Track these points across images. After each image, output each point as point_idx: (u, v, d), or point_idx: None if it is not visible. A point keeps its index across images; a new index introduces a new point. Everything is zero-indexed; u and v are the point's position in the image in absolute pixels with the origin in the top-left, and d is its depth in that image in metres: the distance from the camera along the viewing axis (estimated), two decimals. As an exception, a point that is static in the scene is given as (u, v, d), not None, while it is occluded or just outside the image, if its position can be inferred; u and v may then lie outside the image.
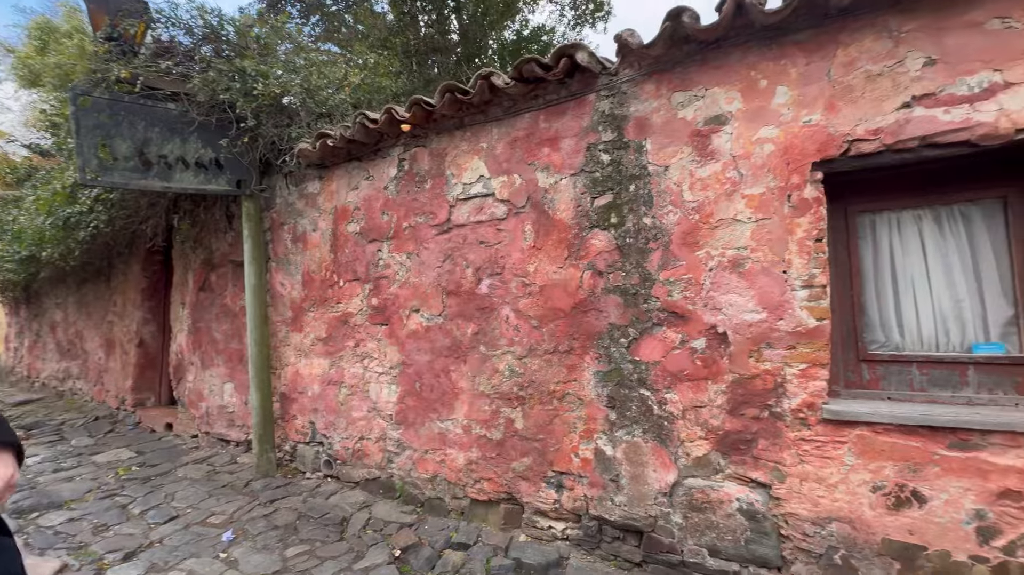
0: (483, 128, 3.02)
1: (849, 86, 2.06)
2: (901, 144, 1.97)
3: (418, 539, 2.89)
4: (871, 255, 2.29)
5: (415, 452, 3.27)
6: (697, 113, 2.37)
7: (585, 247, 2.66)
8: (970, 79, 1.88)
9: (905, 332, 2.22)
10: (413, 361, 3.28)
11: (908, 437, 1.96)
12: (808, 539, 2.13)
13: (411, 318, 3.30)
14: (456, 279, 3.10)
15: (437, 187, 3.20)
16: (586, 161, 2.66)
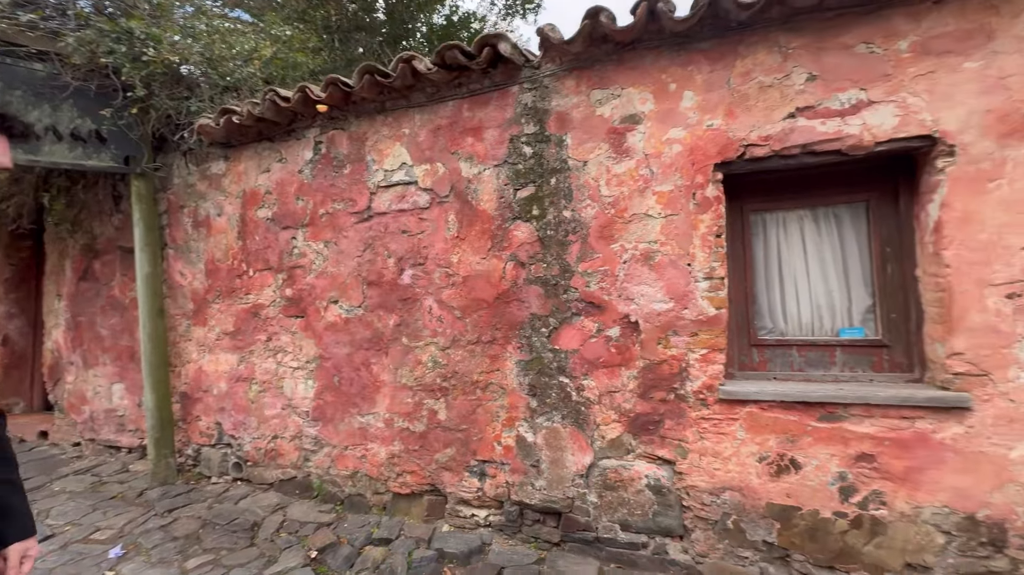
0: (405, 114, 2.93)
1: (745, 95, 2.25)
2: (786, 151, 2.19)
3: (337, 538, 2.80)
4: (762, 250, 2.54)
5: (334, 449, 3.15)
6: (614, 111, 2.47)
7: (508, 238, 2.68)
8: (842, 95, 2.13)
9: (788, 319, 2.49)
10: (332, 354, 3.14)
11: (787, 412, 2.21)
12: (706, 508, 2.34)
13: (329, 310, 3.15)
14: (377, 269, 3.00)
15: (357, 173, 3.06)
16: (509, 153, 2.68)
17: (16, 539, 1.12)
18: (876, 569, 2.09)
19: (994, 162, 1.95)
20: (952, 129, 1.99)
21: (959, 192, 1.99)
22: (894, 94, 2.06)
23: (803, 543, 2.19)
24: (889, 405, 2.07)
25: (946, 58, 2.00)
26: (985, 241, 1.96)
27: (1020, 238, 1.93)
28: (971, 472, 1.97)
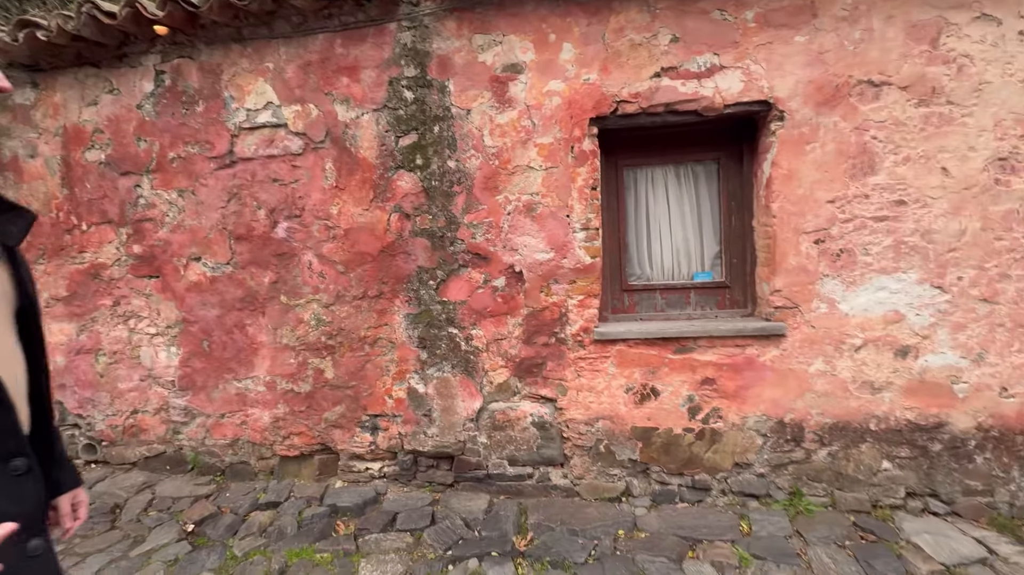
0: (268, 45, 2.60)
1: (618, 51, 2.35)
2: (652, 108, 2.36)
3: (217, 508, 2.65)
4: (633, 203, 2.75)
5: (208, 418, 2.91)
6: (496, 59, 2.43)
7: (391, 189, 2.58)
8: (700, 58, 2.32)
9: (653, 266, 2.77)
10: (198, 317, 2.84)
11: (649, 347, 2.50)
12: (582, 437, 2.60)
13: (191, 268, 2.82)
14: (246, 222, 2.72)
15: (213, 111, 2.69)
16: (389, 96, 2.53)
17: (69, 488, 1.08)
18: (713, 470, 2.52)
19: (811, 127, 2.29)
20: (783, 96, 2.28)
21: (785, 153, 2.32)
22: (740, 61, 2.29)
23: (660, 457, 2.55)
24: (727, 336, 2.44)
25: (782, 31, 2.26)
26: (802, 195, 2.33)
27: (827, 193, 2.32)
28: (782, 386, 2.43)
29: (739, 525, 2.33)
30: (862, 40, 2.22)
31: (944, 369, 2.30)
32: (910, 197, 2.26)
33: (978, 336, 2.27)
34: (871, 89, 2.23)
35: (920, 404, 2.33)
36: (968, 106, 2.19)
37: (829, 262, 2.34)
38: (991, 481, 2.32)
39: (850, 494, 2.42)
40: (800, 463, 2.46)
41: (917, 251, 2.28)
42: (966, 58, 2.17)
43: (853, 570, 2.03)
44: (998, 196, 2.20)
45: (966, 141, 2.20)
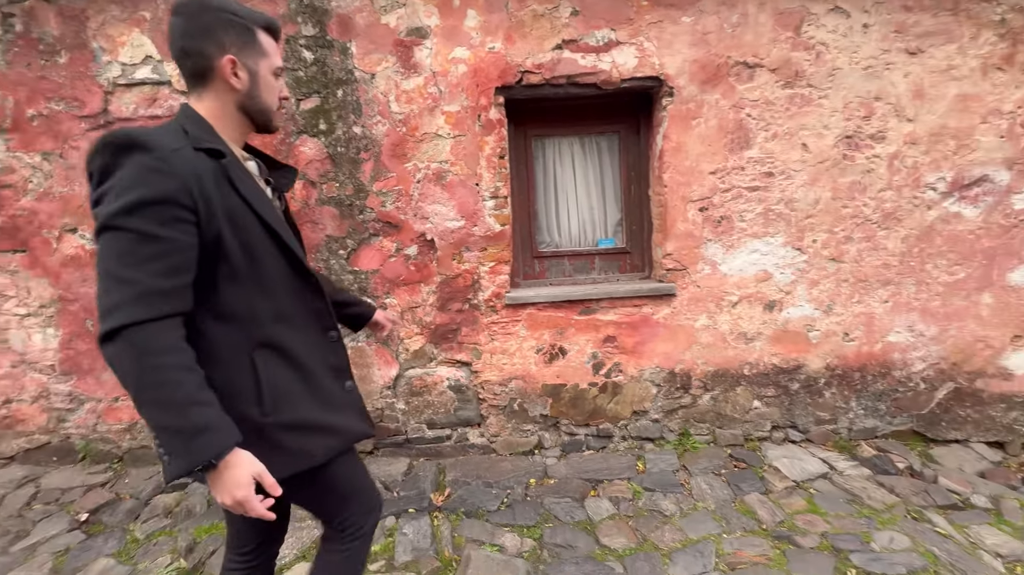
0: (142, -9, 2.35)
1: (522, 21, 2.40)
2: (555, 80, 2.45)
3: (115, 495, 2.51)
4: (542, 172, 2.86)
5: (100, 402, 2.71)
6: (400, 21, 2.39)
7: (294, 154, 2.48)
8: (598, 33, 2.43)
9: (562, 233, 2.91)
10: (78, 295, 2.59)
11: (557, 310, 2.66)
12: (497, 397, 2.74)
13: (65, 240, 2.55)
14: (129, 189, 2.50)
15: (79, 64, 2.40)
16: (286, 56, 2.40)
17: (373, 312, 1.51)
18: (615, 419, 2.78)
19: (697, 104, 2.50)
20: (672, 73, 2.46)
21: (675, 127, 2.52)
22: (635, 37, 2.43)
23: (568, 411, 2.76)
24: (626, 297, 2.65)
25: (671, 10, 2.42)
26: (689, 167, 2.56)
27: (710, 165, 2.56)
28: (673, 340, 2.70)
29: (636, 465, 2.61)
30: (739, 24, 2.43)
31: (802, 319, 2.68)
32: (777, 170, 2.55)
33: (828, 291, 2.66)
34: (746, 70, 2.47)
35: (783, 350, 2.71)
36: (824, 89, 2.50)
37: (712, 228, 2.61)
38: (835, 411, 2.77)
39: (728, 431, 2.78)
40: (688, 407, 2.78)
41: (782, 218, 2.60)
42: (823, 46, 2.46)
43: (725, 493, 2.37)
44: (845, 169, 2.56)
45: (821, 120, 2.52)
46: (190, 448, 0.83)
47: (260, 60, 1.04)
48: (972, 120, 2.52)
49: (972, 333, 2.67)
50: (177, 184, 0.87)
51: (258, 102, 1.05)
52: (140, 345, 0.82)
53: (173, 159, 0.88)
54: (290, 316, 1.06)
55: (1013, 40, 2.46)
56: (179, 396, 0.83)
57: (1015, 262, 2.62)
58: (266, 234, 1.00)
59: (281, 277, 1.04)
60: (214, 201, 0.92)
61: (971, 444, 2.76)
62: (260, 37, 1.04)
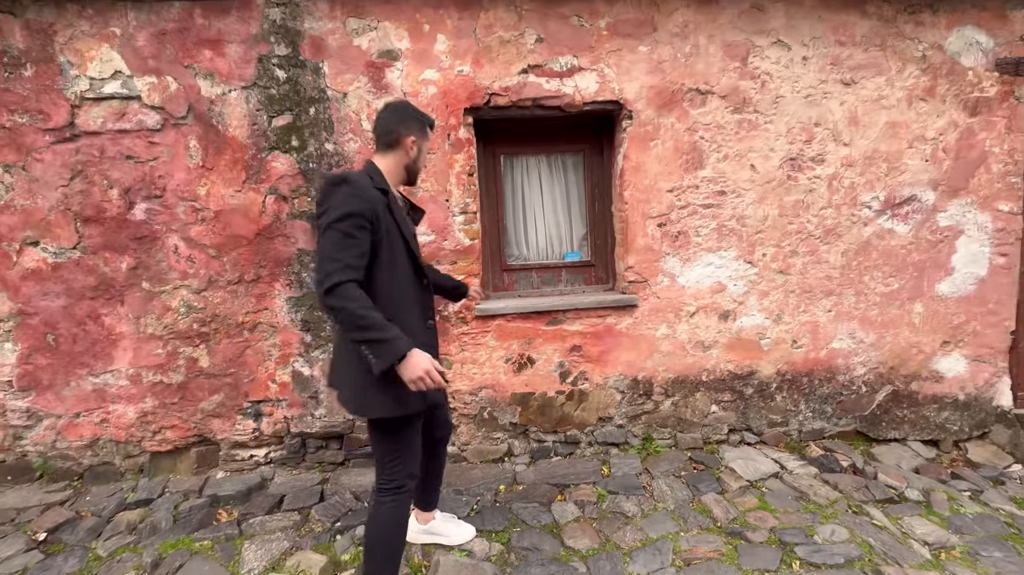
0: (113, 8, 2.37)
1: (489, 46, 2.52)
2: (521, 102, 2.58)
3: (76, 514, 2.45)
4: (510, 188, 2.98)
5: (59, 419, 2.65)
6: (371, 44, 2.48)
7: (266, 170, 2.53)
8: (562, 59, 2.57)
9: (530, 247, 3.03)
10: (38, 308, 2.55)
11: (525, 321, 2.77)
12: (467, 406, 2.81)
13: (26, 253, 2.51)
14: (95, 202, 2.49)
15: (45, 77, 2.39)
16: (259, 74, 2.46)
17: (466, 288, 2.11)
18: (582, 426, 2.88)
19: (654, 126, 2.67)
20: (631, 98, 2.63)
21: (634, 148, 2.68)
22: (596, 64, 2.59)
23: (536, 418, 2.85)
24: (591, 308, 2.78)
25: (629, 40, 2.59)
26: (648, 185, 2.71)
27: (667, 183, 2.72)
28: (636, 349, 2.84)
29: (601, 469, 2.71)
30: (691, 54, 2.62)
31: (754, 328, 2.86)
32: (729, 188, 2.74)
33: (777, 301, 2.85)
34: (699, 96, 2.66)
35: (738, 357, 2.88)
36: (769, 115, 2.71)
37: (670, 242, 2.77)
38: (787, 414, 2.95)
39: (688, 435, 2.92)
40: (651, 413, 2.91)
41: (734, 233, 2.78)
42: (767, 75, 2.67)
43: (684, 494, 2.49)
44: (790, 189, 2.77)
45: (768, 144, 2.72)
46: (391, 349, 1.39)
47: (424, 143, 1.70)
48: (900, 145, 2.77)
49: (906, 339, 2.90)
50: (366, 206, 1.45)
51: (416, 166, 1.71)
52: (346, 295, 1.38)
53: (365, 191, 1.48)
54: (406, 301, 1.59)
55: (933, 74, 2.72)
56: (377, 322, 1.39)
57: (942, 274, 2.87)
58: (404, 245, 1.58)
59: (406, 274, 1.60)
60: (381, 219, 1.49)
61: (908, 442, 2.98)
62: (427, 131, 1.71)
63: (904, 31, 2.67)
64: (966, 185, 2.79)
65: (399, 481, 1.62)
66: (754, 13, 2.60)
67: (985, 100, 2.73)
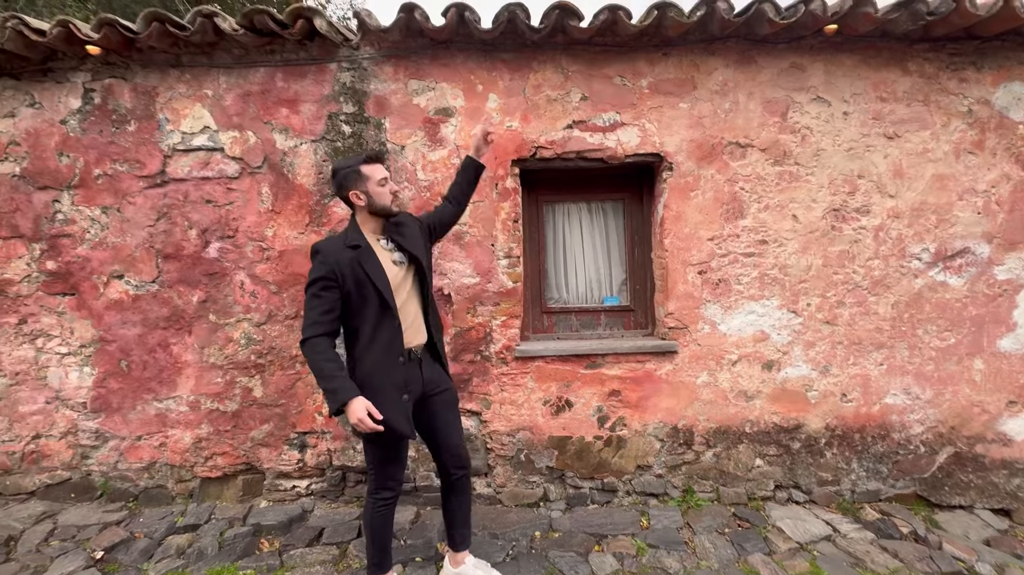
0: (208, 73, 2.70)
1: (537, 104, 2.70)
2: (566, 154, 2.72)
3: (130, 534, 2.57)
4: (551, 234, 3.09)
5: (123, 441, 2.82)
6: (429, 102, 2.70)
7: (327, 214, 2.74)
8: (604, 115, 2.72)
9: (569, 290, 3.10)
10: (117, 336, 2.78)
11: (564, 363, 2.80)
12: (504, 447, 2.82)
13: (112, 286, 2.77)
14: (176, 241, 2.75)
15: (145, 132, 2.72)
16: (327, 129, 2.71)
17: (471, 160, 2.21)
18: (619, 473, 2.83)
19: (694, 177, 2.75)
20: (671, 151, 2.73)
21: (674, 197, 2.76)
22: (637, 120, 2.72)
23: (573, 463, 2.82)
24: (630, 353, 2.79)
25: (669, 97, 2.72)
26: (688, 234, 2.77)
27: (707, 232, 2.77)
28: (676, 396, 2.81)
29: (640, 521, 2.64)
30: (731, 110, 2.72)
31: (800, 379, 2.79)
32: (770, 238, 2.76)
33: (824, 352, 2.78)
34: (739, 149, 2.74)
35: (783, 409, 2.80)
36: (810, 167, 2.74)
37: (710, 290, 2.78)
38: (838, 472, 2.81)
39: (731, 489, 2.81)
40: (691, 463, 2.83)
41: (777, 282, 2.77)
42: (807, 129, 2.73)
43: (729, 552, 2.39)
44: (834, 239, 2.76)
45: (809, 195, 2.74)
46: (335, 399, 1.70)
47: (366, 183, 1.82)
48: (950, 197, 2.73)
49: (967, 397, 2.75)
50: (328, 269, 1.75)
51: (375, 206, 1.85)
52: (311, 347, 1.74)
53: (330, 255, 1.77)
54: (377, 340, 1.80)
55: (981, 128, 2.71)
56: (328, 372, 1.71)
57: (1003, 330, 2.74)
58: (373, 290, 1.78)
59: (376, 316, 1.79)
60: (347, 275, 1.76)
61: (976, 511, 2.76)
62: (363, 170, 1.81)
63: (947, 87, 2.70)
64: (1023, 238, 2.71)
65: (377, 484, 1.90)
66: (793, 72, 2.70)
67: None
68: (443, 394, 2.00)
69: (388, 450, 1.87)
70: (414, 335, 1.89)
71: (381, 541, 1.96)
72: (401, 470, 1.95)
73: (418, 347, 1.91)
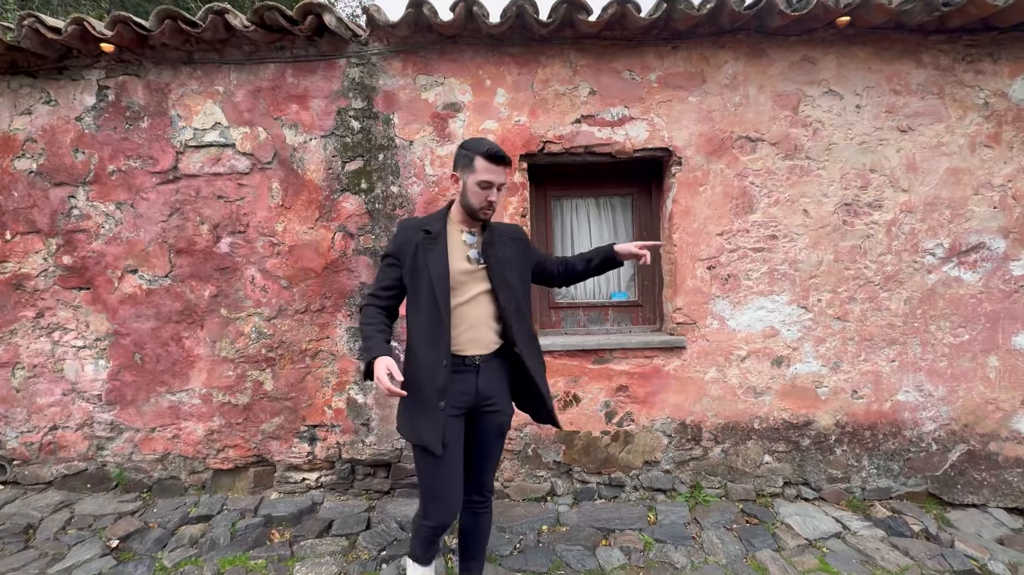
0: (219, 70, 2.73)
1: (545, 99, 2.70)
2: (574, 149, 2.71)
3: (144, 524, 2.62)
4: (560, 228, 3.09)
5: (137, 432, 2.87)
6: (437, 97, 2.71)
7: (336, 209, 2.76)
8: (613, 110, 2.71)
9: (577, 286, 3.09)
10: (131, 330, 2.83)
11: (572, 359, 2.80)
12: (512, 442, 2.83)
13: (126, 280, 2.82)
14: (188, 236, 2.78)
15: (158, 128, 2.76)
16: (337, 125, 2.73)
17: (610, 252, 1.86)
18: (627, 468, 2.83)
19: (703, 172, 2.73)
20: (680, 145, 2.71)
21: (683, 192, 2.74)
22: (646, 114, 2.70)
23: (580, 458, 2.83)
24: (638, 348, 2.78)
25: (679, 91, 2.70)
26: (697, 228, 2.75)
27: (716, 227, 2.75)
28: (684, 392, 2.80)
29: (647, 516, 2.64)
30: (741, 104, 2.70)
31: (810, 375, 2.77)
32: (780, 233, 2.73)
33: (834, 348, 2.75)
34: (749, 143, 2.71)
35: (792, 406, 2.78)
36: (822, 161, 2.71)
37: (719, 285, 2.76)
38: (848, 469, 2.79)
39: (739, 485, 2.80)
40: (699, 459, 2.82)
41: (787, 277, 2.75)
42: (819, 123, 2.70)
43: (736, 548, 2.38)
44: (845, 234, 2.73)
45: (821, 189, 2.71)
46: (365, 356, 1.55)
47: (469, 176, 1.61)
48: (965, 192, 2.69)
49: (981, 395, 2.71)
50: (395, 247, 1.68)
51: (465, 199, 1.64)
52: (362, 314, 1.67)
53: (402, 232, 1.69)
54: (423, 336, 1.63)
55: (998, 121, 2.66)
56: (366, 333, 1.60)
57: (1019, 326, 2.70)
58: (427, 283, 1.60)
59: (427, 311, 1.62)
60: (408, 258, 1.64)
61: (989, 509, 2.73)
62: (477, 162, 1.59)
63: (963, 79, 2.65)
64: (1041, 233, 2.66)
65: (420, 507, 1.72)
66: (804, 65, 2.67)
67: (1057, 147, 2.63)
68: (492, 415, 1.72)
69: (432, 470, 1.64)
70: (470, 342, 1.65)
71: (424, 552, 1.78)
72: (446, 493, 1.65)
73: (478, 355, 1.66)
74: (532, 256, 1.86)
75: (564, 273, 1.92)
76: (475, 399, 1.68)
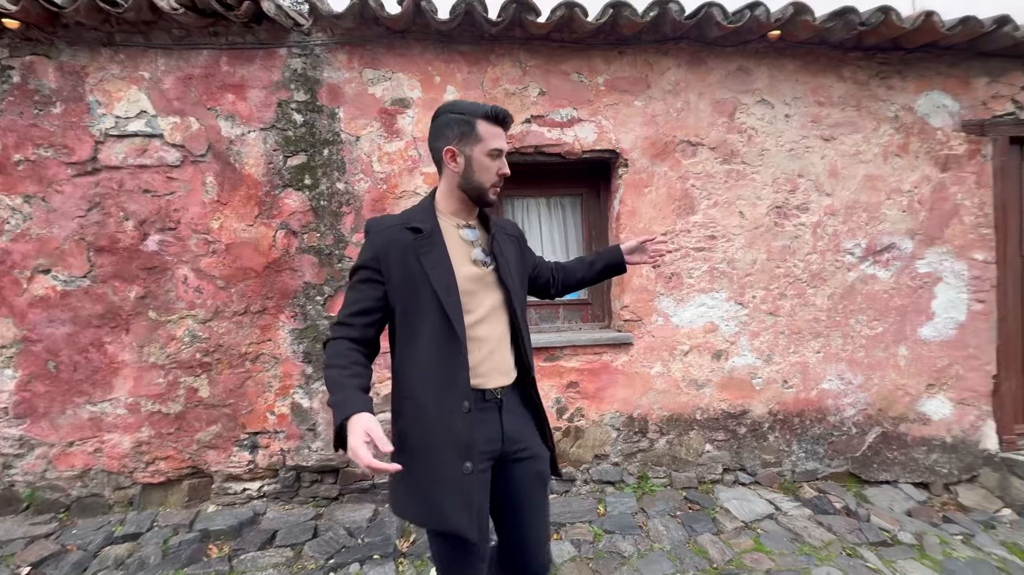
0: (144, 54, 2.53)
1: (495, 97, 2.70)
2: (524, 149, 2.74)
3: (62, 547, 2.40)
4: (511, 229, 3.10)
5: (52, 448, 2.62)
6: (385, 92, 2.65)
7: (278, 206, 2.63)
8: (562, 111, 2.75)
9: (528, 285, 3.12)
10: (43, 335, 2.57)
11: (524, 357, 2.82)
12: (464, 441, 2.82)
13: (36, 281, 2.56)
14: (110, 233, 2.57)
15: (73, 114, 2.52)
16: (278, 117, 2.60)
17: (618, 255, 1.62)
18: (578, 463, 2.89)
19: (648, 174, 2.83)
20: (626, 147, 2.80)
21: (629, 193, 2.83)
22: (594, 116, 2.77)
23: (533, 455, 2.86)
24: (588, 345, 2.85)
25: (625, 95, 2.79)
26: (642, 228, 2.85)
27: (661, 227, 2.86)
28: (631, 386, 2.89)
29: (596, 508, 2.71)
30: (683, 109, 2.82)
31: (746, 368, 2.94)
32: (719, 233, 2.88)
33: (767, 342, 2.94)
34: (690, 147, 2.84)
35: (730, 396, 2.94)
36: (756, 166, 2.88)
37: (663, 283, 2.87)
38: (780, 454, 2.99)
39: (683, 474, 2.94)
40: (646, 451, 2.93)
41: (725, 275, 2.90)
42: (753, 130, 2.87)
43: (680, 534, 2.49)
44: (776, 235, 2.91)
45: (755, 192, 2.89)
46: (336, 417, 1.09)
47: (475, 146, 1.22)
48: (879, 196, 2.94)
49: (892, 382, 2.99)
50: (372, 254, 1.24)
51: (471, 181, 1.25)
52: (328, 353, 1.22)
53: (379, 236, 1.25)
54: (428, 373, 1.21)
55: (906, 133, 2.93)
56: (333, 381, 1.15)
57: (923, 319, 2.99)
58: (432, 296, 1.20)
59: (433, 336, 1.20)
60: (394, 267, 1.22)
61: (900, 485, 3.01)
62: (479, 127, 1.22)
63: (877, 94, 2.90)
64: (941, 235, 2.95)
65: None
66: (740, 75, 2.82)
67: (955, 157, 2.94)
68: (528, 462, 1.33)
69: (451, 549, 1.23)
70: (491, 370, 1.27)
71: None
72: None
73: (499, 388, 1.29)
74: (530, 259, 1.53)
75: (562, 281, 1.62)
76: (502, 447, 1.28)
